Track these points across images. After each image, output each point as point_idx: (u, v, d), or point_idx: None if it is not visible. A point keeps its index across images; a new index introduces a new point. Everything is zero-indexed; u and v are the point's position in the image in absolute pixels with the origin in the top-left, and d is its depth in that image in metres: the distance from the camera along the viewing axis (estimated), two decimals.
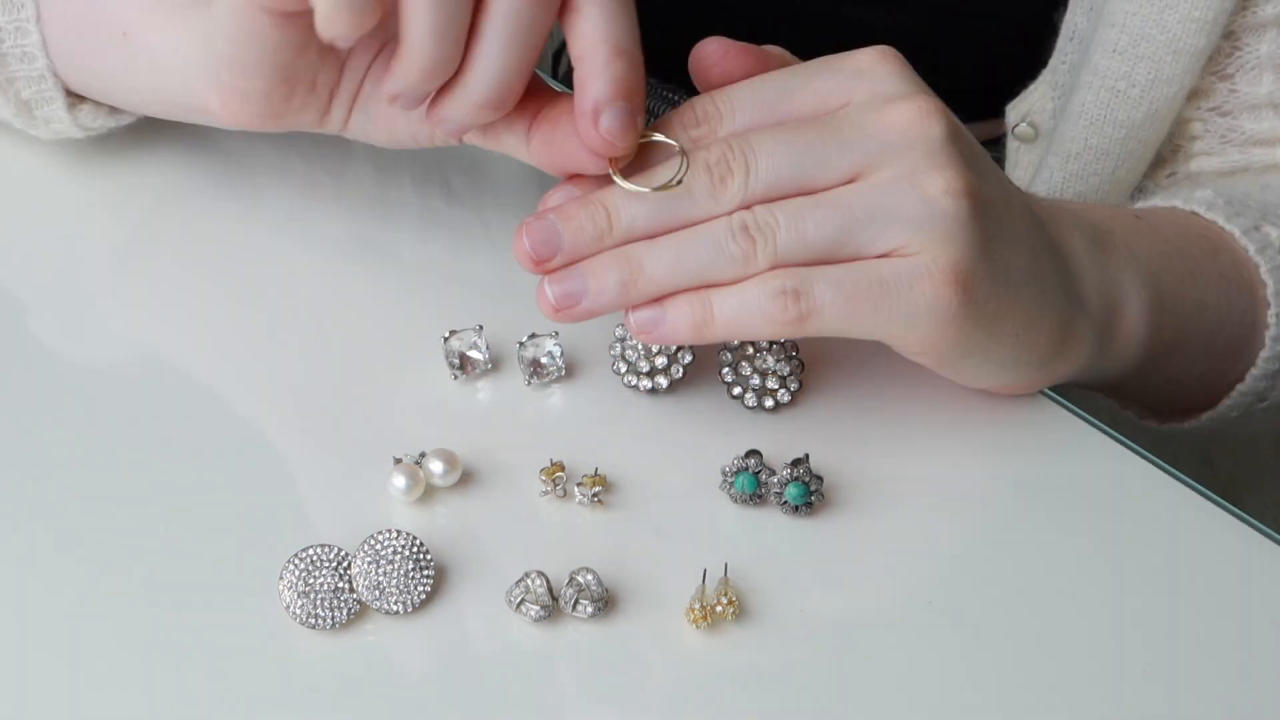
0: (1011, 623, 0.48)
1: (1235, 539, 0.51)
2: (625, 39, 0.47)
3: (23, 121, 0.58)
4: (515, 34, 0.47)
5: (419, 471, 0.50)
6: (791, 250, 0.48)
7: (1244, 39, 0.68)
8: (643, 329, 0.49)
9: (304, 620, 0.46)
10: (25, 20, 0.56)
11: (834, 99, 0.50)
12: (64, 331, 0.55)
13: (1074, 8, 0.72)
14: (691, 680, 0.46)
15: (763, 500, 0.50)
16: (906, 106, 0.49)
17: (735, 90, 0.50)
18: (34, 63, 0.56)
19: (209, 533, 0.49)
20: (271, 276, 0.57)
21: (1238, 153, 0.70)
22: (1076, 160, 0.72)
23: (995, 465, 0.53)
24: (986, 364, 0.51)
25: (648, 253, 0.49)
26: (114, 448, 0.51)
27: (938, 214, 0.48)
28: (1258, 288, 0.61)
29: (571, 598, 0.47)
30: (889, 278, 0.48)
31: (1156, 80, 0.69)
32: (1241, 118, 0.70)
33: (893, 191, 0.48)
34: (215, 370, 0.54)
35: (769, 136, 0.49)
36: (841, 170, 0.48)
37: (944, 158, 0.48)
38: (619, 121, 0.47)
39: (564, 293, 0.49)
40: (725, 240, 0.48)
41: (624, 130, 0.47)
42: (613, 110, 0.47)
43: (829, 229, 0.48)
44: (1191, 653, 0.48)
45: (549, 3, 0.47)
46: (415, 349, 0.54)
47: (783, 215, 0.48)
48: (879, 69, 0.50)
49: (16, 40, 0.56)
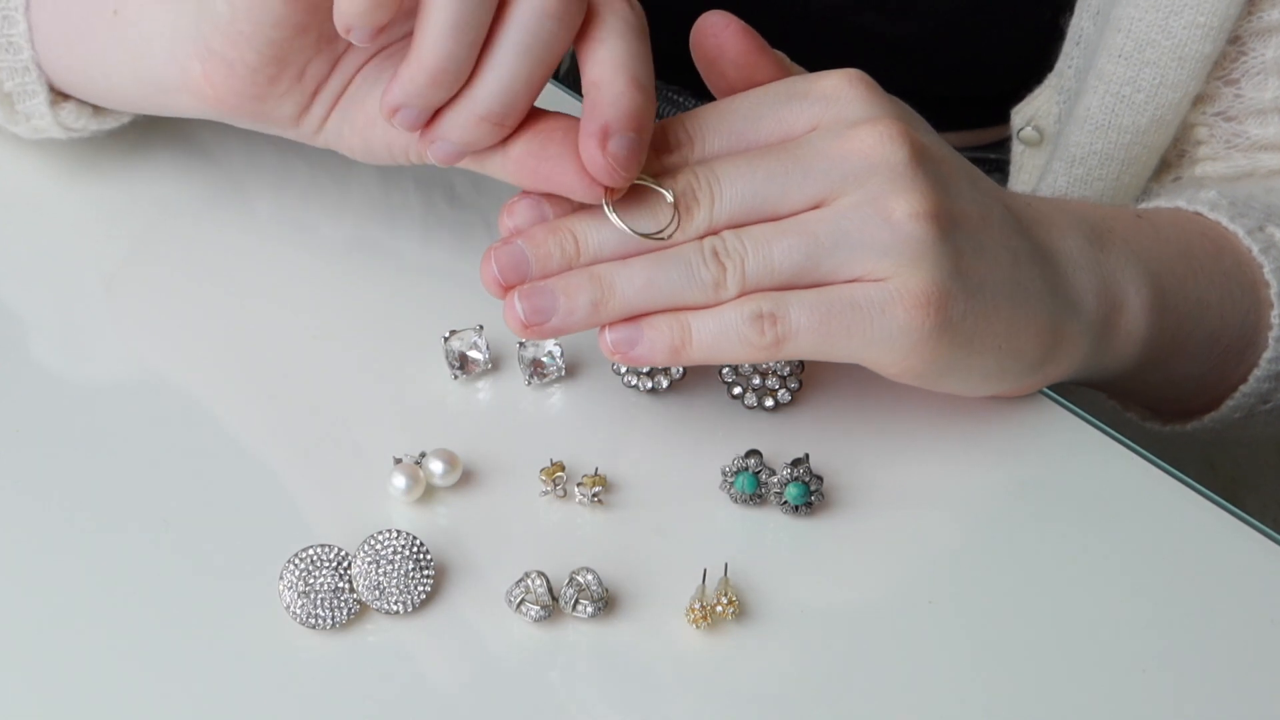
0: (1011, 622, 0.48)
1: (1235, 539, 0.51)
2: (643, 74, 0.47)
3: (4, 116, 0.58)
4: (531, 47, 0.46)
5: (419, 471, 0.50)
6: (760, 276, 0.48)
7: (1250, 44, 0.68)
8: (618, 349, 0.49)
9: (304, 620, 0.46)
10: (13, 9, 0.55)
11: (800, 125, 0.50)
12: (63, 333, 0.55)
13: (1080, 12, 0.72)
14: (691, 680, 0.46)
15: (763, 500, 0.50)
16: (869, 131, 0.49)
17: (704, 116, 0.51)
18: (19, 53, 0.56)
19: (209, 533, 0.49)
20: (272, 277, 0.57)
21: (1243, 157, 0.70)
22: (1081, 165, 0.72)
23: (995, 465, 0.53)
24: (971, 377, 0.51)
25: (619, 273, 0.48)
26: (114, 448, 0.51)
27: (903, 238, 0.48)
28: (1261, 288, 0.61)
29: (571, 598, 0.47)
30: (861, 301, 0.48)
31: (1162, 85, 0.69)
32: (1247, 123, 0.70)
33: (857, 218, 0.48)
34: (215, 370, 0.54)
35: (732, 165, 0.49)
36: (806, 196, 0.48)
37: (907, 181, 0.48)
38: (627, 150, 0.46)
39: (533, 308, 0.48)
40: (696, 264, 0.48)
41: (630, 159, 0.46)
42: (623, 138, 0.46)
43: (796, 256, 0.48)
44: (1191, 653, 0.48)
45: (569, 21, 0.46)
46: (415, 349, 0.55)
47: (749, 242, 0.48)
48: (846, 93, 0.50)
49: (2, 30, 0.56)
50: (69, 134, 0.58)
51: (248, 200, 0.60)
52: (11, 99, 0.57)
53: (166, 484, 0.50)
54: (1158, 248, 0.58)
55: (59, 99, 0.57)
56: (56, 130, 0.58)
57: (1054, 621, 0.48)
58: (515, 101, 0.47)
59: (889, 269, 0.48)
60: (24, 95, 0.57)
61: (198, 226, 0.60)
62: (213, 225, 0.59)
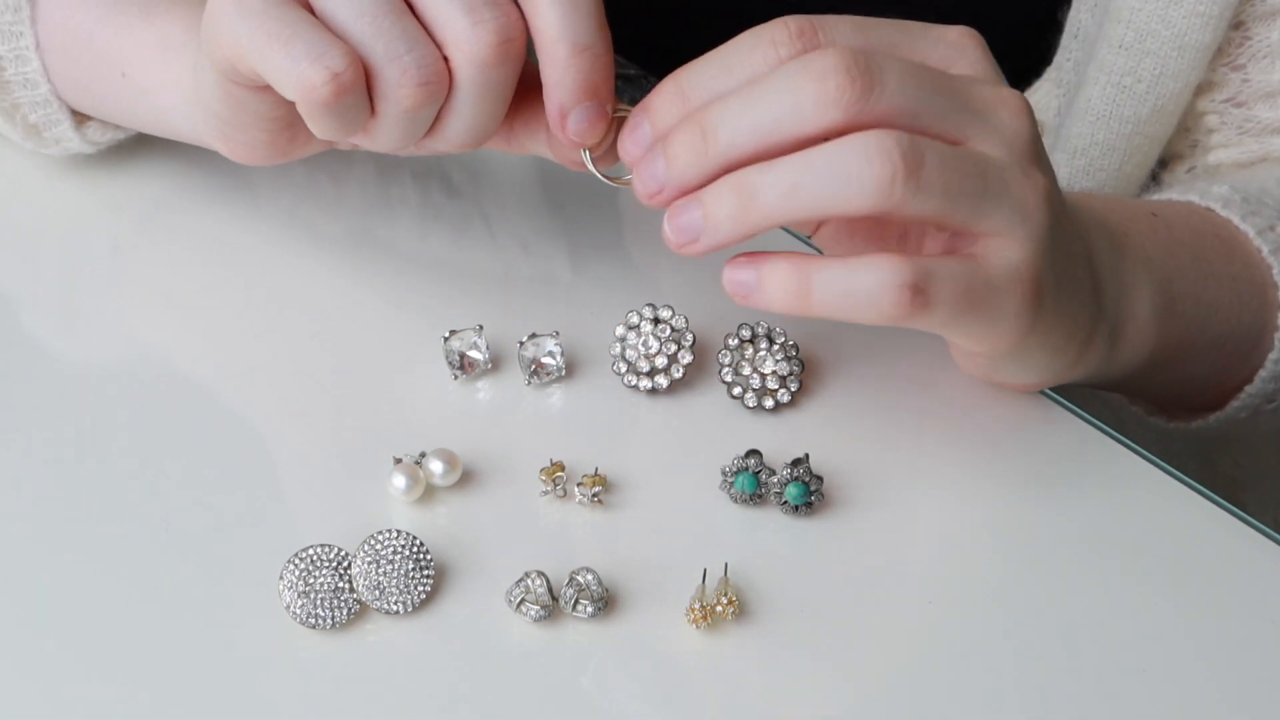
0: (1011, 622, 0.48)
1: (1235, 539, 0.51)
2: (583, 33, 0.47)
3: (33, 144, 0.59)
4: (483, 95, 0.47)
5: (419, 471, 0.50)
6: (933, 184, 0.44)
7: (1253, 28, 0.68)
8: (736, 292, 0.46)
9: (304, 620, 0.46)
10: (24, 49, 0.57)
11: (933, 62, 0.48)
12: (63, 333, 0.55)
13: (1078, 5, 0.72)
14: (691, 680, 0.46)
15: (763, 500, 0.50)
16: (1011, 95, 0.48)
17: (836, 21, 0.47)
18: (37, 89, 0.57)
19: (209, 532, 0.49)
20: (272, 277, 0.57)
21: (1255, 142, 0.70)
22: (1083, 156, 0.72)
23: (995, 465, 0.53)
24: (1025, 367, 0.51)
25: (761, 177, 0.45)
26: (114, 448, 0.51)
27: (1037, 214, 0.47)
28: (1269, 290, 0.61)
29: (571, 598, 0.47)
30: (994, 281, 0.46)
31: (1162, 75, 0.68)
32: (1256, 107, 0.69)
33: (1012, 174, 0.46)
34: (215, 371, 0.54)
35: (898, 62, 0.45)
36: (958, 125, 0.46)
37: (1043, 158, 0.48)
38: (585, 122, 0.47)
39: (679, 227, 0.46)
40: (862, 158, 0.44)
41: (591, 129, 0.48)
42: (578, 113, 0.47)
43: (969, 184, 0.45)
44: (1191, 653, 0.48)
45: (513, 59, 0.47)
46: (415, 349, 0.54)
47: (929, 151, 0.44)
48: (972, 50, 0.49)
49: (18, 68, 0.57)
50: (97, 147, 0.60)
51: (247, 199, 0.60)
52: (38, 129, 0.58)
53: (166, 483, 0.50)
54: (1170, 251, 0.57)
55: (82, 119, 0.59)
56: (85, 147, 0.59)
57: (1054, 621, 0.48)
58: (483, 132, 0.49)
59: (1019, 239, 0.46)
60: (50, 124, 0.58)
61: (197, 227, 0.59)
62: (211, 225, 0.59)
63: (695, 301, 0.55)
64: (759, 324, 0.53)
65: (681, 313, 0.53)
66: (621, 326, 0.53)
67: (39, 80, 0.57)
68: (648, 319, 0.53)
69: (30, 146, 0.59)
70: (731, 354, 0.53)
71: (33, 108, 0.58)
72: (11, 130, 0.58)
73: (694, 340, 0.53)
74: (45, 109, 0.58)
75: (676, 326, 0.53)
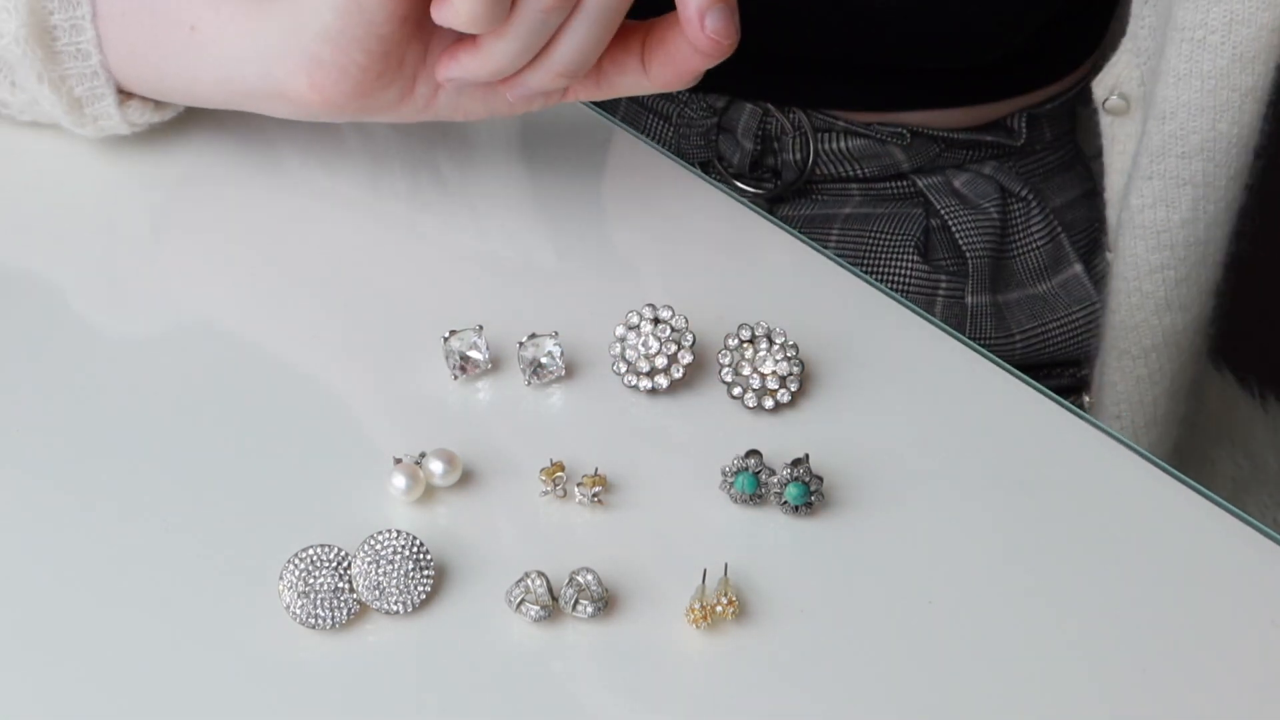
0: (1011, 622, 0.48)
1: (1235, 539, 0.51)
2: None
3: (72, 119, 0.59)
4: (601, 15, 0.49)
5: (419, 471, 0.50)
6: None
7: None
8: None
9: (304, 620, 0.46)
10: (81, 18, 0.57)
11: None
12: (62, 332, 0.55)
13: None
14: (691, 680, 0.46)
15: (763, 500, 0.50)
16: None
17: None
18: (88, 60, 0.57)
19: (209, 532, 0.49)
20: (271, 277, 0.57)
21: None
22: (1172, 120, 0.71)
23: (995, 465, 0.53)
24: None
25: None
26: (113, 448, 0.51)
27: None
28: None
29: (571, 598, 0.47)
30: None
31: (1233, 21, 0.67)
32: None
33: None
34: (215, 371, 0.54)
35: None
36: None
37: None
38: (723, 21, 0.49)
39: None
40: None
41: (728, 28, 0.49)
42: (714, 11, 0.49)
43: None
44: (1192, 653, 0.48)
45: None
46: (415, 349, 0.55)
47: None
48: None
49: (71, 38, 0.57)
50: (133, 128, 0.60)
51: (245, 202, 0.60)
52: (81, 103, 0.58)
53: (166, 483, 0.50)
54: None
55: (125, 98, 0.59)
56: (123, 127, 0.59)
57: (1054, 621, 0.48)
58: (591, 59, 0.51)
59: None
60: (93, 99, 0.58)
61: (197, 226, 0.60)
62: (211, 225, 0.59)
63: (695, 301, 0.55)
64: (759, 324, 0.53)
65: (681, 313, 0.53)
66: (621, 326, 0.53)
67: (91, 50, 0.57)
68: (648, 319, 0.53)
69: (69, 123, 0.59)
70: (731, 354, 0.53)
71: (80, 79, 0.57)
72: (55, 103, 0.58)
73: (694, 340, 0.53)
74: (93, 81, 0.57)
75: (676, 326, 0.53)
